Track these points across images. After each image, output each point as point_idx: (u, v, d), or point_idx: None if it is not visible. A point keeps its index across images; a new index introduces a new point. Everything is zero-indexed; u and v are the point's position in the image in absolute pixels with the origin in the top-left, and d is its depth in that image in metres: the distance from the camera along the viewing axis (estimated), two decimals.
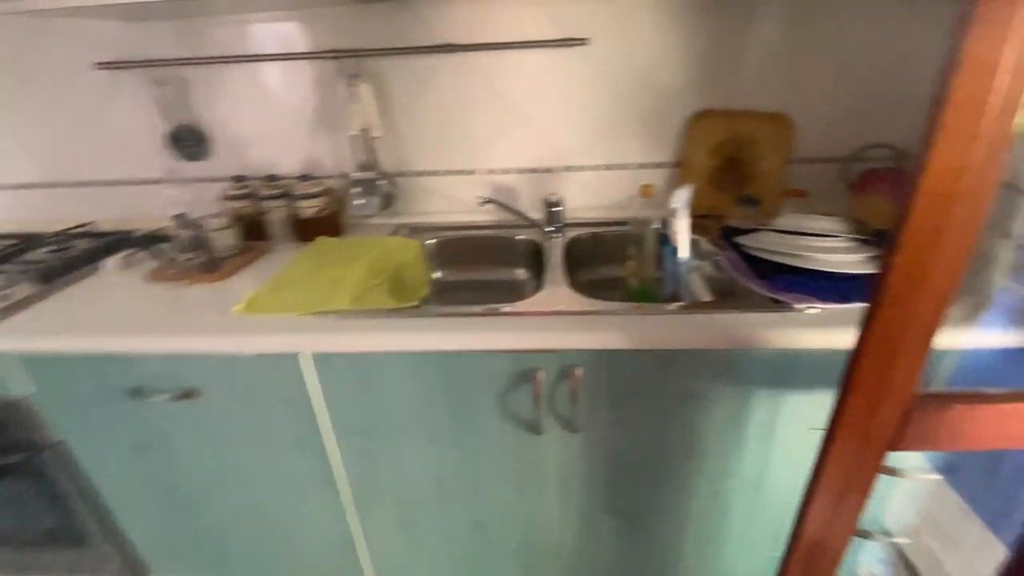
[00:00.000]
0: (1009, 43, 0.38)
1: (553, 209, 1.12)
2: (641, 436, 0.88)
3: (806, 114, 1.14)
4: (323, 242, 1.13)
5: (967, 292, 0.82)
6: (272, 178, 1.21)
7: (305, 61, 1.16)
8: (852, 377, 0.58)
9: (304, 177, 1.19)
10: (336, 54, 1.13)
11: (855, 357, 0.56)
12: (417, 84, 1.17)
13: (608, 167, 1.23)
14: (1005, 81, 0.39)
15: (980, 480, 1.17)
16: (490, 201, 1.10)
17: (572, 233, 1.15)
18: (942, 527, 1.23)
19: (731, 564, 1.04)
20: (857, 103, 1.13)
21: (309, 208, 1.16)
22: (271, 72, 1.19)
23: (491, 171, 1.25)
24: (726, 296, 0.97)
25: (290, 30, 1.14)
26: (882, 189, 1.03)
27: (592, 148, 1.22)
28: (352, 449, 0.93)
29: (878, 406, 0.59)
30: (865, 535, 1.20)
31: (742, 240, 0.98)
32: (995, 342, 0.74)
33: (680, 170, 1.21)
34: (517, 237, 1.18)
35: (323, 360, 0.84)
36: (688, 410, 0.85)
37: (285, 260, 1.06)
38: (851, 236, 0.88)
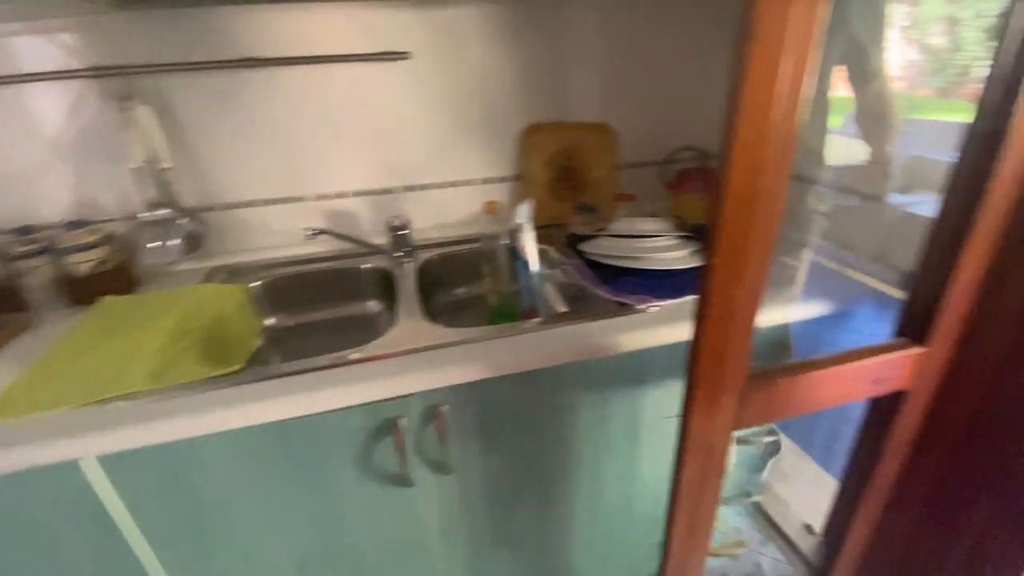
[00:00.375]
0: (785, 52, 0.41)
1: (399, 232, 1.04)
2: (515, 461, 0.85)
3: (624, 123, 1.23)
4: (109, 304, 0.91)
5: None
6: (27, 230, 0.95)
7: (61, 82, 0.93)
8: (693, 372, 0.60)
9: (74, 224, 0.95)
10: (97, 72, 0.92)
11: (693, 354, 0.59)
12: (216, 104, 1.00)
13: (453, 184, 1.20)
14: (785, 87, 0.43)
15: (808, 427, 1.38)
16: (322, 231, 0.98)
17: (424, 256, 1.08)
18: (785, 474, 1.43)
19: (619, 560, 1.07)
20: (666, 110, 1.25)
21: (84, 263, 0.92)
22: (12, 97, 0.92)
23: (322, 196, 1.13)
24: (579, 303, 0.99)
25: (35, 45, 0.90)
26: (694, 187, 1.15)
27: (432, 165, 1.17)
28: (179, 559, 0.75)
29: (719, 394, 0.63)
30: (727, 502, 1.34)
31: (584, 247, 1.01)
32: (799, 314, 0.86)
33: (521, 183, 1.22)
34: (362, 266, 1.07)
35: (116, 462, 0.66)
36: (556, 424, 0.83)
37: (55, 335, 0.82)
38: (675, 233, 0.96)
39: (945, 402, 0.80)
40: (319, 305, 1.07)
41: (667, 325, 0.78)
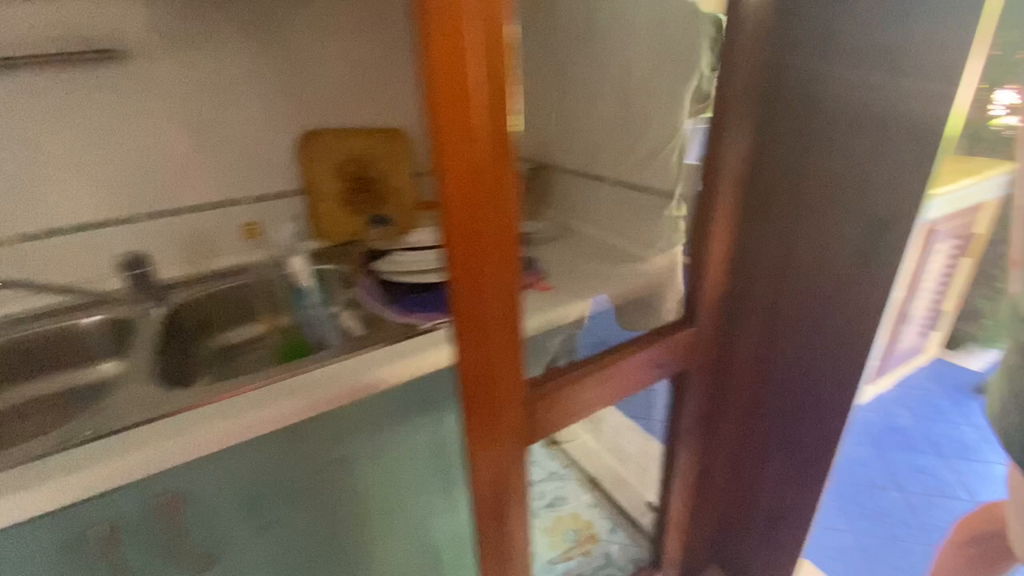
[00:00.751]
0: (471, 54, 0.36)
1: (136, 272, 0.83)
2: (301, 534, 0.71)
3: (420, 127, 1.16)
4: None
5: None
6: None
7: None
8: (465, 397, 0.54)
9: None
10: None
11: (459, 376, 0.53)
12: None
13: (217, 205, 1.01)
14: (483, 91, 0.37)
15: (644, 404, 1.44)
16: (5, 284, 0.72)
17: (180, 298, 0.88)
18: (628, 454, 1.49)
19: None
20: None
21: None
22: None
23: (28, 237, 0.86)
24: (375, 327, 0.89)
25: None
26: None
27: (184, 185, 0.96)
28: None
29: (498, 412, 0.57)
30: (562, 502, 1.34)
31: (377, 265, 0.91)
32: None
33: (306, 197, 1.08)
34: (84, 321, 0.83)
35: None
36: (347, 477, 0.72)
37: None
38: None
39: (725, 377, 0.86)
40: (28, 379, 0.79)
41: None
